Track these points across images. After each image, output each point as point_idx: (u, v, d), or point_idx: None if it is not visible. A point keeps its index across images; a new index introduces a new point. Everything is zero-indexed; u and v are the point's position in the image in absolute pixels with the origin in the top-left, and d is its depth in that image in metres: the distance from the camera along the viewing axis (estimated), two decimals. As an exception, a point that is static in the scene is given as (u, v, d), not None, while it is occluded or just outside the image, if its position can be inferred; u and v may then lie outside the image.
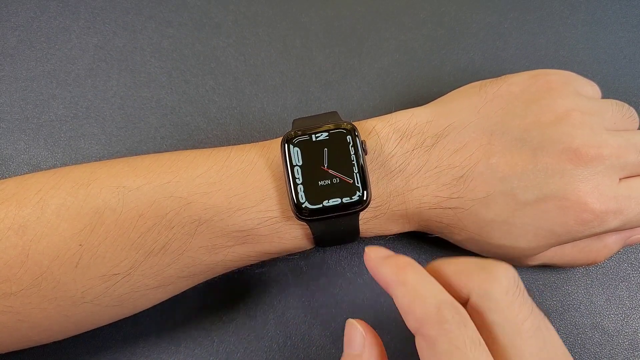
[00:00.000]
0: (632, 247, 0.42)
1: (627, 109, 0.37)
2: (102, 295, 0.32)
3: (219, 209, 0.33)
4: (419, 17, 0.48)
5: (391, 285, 0.27)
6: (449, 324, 0.25)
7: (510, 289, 0.26)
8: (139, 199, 0.32)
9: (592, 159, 0.33)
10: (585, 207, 0.33)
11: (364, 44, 0.48)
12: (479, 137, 0.35)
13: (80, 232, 0.32)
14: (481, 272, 0.27)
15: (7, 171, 0.44)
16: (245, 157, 0.35)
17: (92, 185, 0.33)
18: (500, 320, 0.26)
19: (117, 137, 0.45)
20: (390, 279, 0.27)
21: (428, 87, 0.46)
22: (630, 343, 0.40)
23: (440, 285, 0.27)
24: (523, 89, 0.36)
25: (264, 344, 0.40)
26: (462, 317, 0.25)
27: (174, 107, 0.45)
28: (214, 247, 0.34)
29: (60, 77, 0.46)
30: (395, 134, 0.35)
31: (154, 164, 0.34)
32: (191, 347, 0.40)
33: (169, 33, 0.47)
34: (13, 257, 0.31)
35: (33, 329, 0.33)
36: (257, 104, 0.46)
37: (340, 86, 0.46)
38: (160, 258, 0.33)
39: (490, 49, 0.47)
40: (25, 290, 0.31)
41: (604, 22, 0.48)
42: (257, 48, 0.47)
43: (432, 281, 0.27)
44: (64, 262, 0.31)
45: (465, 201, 0.34)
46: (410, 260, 0.28)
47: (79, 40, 0.47)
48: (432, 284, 0.27)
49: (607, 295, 0.41)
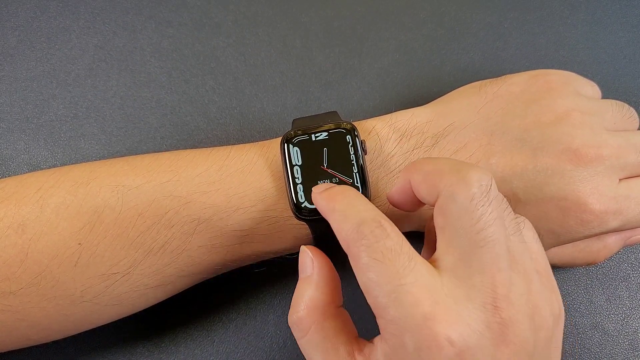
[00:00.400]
0: (632, 247, 0.42)
1: (627, 109, 0.37)
2: (102, 294, 0.32)
3: (218, 209, 0.33)
4: (419, 17, 0.48)
5: (326, 214, 0.29)
6: (366, 239, 0.26)
7: (477, 196, 0.26)
8: (138, 198, 0.32)
9: (592, 160, 0.33)
10: (585, 207, 0.33)
11: (364, 44, 0.48)
12: (479, 137, 0.35)
13: (79, 230, 0.32)
14: (453, 174, 0.26)
15: (7, 171, 0.44)
16: (244, 156, 0.35)
17: (92, 184, 0.33)
18: (456, 225, 0.26)
19: (117, 137, 0.45)
20: (325, 208, 0.29)
21: (428, 87, 0.46)
22: (630, 343, 0.40)
23: (368, 204, 0.28)
24: (523, 89, 0.36)
25: (264, 344, 0.40)
26: (383, 230, 0.26)
27: (174, 107, 0.45)
28: (213, 246, 0.34)
29: (60, 77, 0.46)
30: (395, 134, 0.35)
31: (153, 163, 0.34)
32: (191, 347, 0.40)
33: (169, 33, 0.47)
34: (12, 255, 0.31)
35: (32, 328, 0.32)
36: (257, 104, 0.46)
37: (340, 86, 0.46)
38: (160, 257, 0.33)
39: (490, 49, 0.47)
40: (25, 289, 0.31)
41: (604, 22, 0.48)
42: (257, 48, 0.47)
43: (360, 202, 0.28)
44: (63, 260, 0.31)
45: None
46: (344, 188, 0.30)
47: (79, 40, 0.47)
48: (358, 205, 0.28)
49: (607, 295, 0.41)
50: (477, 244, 0.25)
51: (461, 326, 0.24)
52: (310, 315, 0.28)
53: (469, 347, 0.24)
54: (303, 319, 0.28)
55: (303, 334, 0.28)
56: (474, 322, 0.24)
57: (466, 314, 0.24)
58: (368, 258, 0.25)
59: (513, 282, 0.25)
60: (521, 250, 0.27)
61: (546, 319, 0.26)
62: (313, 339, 0.28)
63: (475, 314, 0.24)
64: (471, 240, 0.25)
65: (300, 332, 0.29)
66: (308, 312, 0.28)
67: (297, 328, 0.29)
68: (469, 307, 0.25)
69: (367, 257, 0.25)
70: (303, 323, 0.28)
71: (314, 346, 0.28)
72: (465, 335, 0.24)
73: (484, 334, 0.24)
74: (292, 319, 0.29)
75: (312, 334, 0.28)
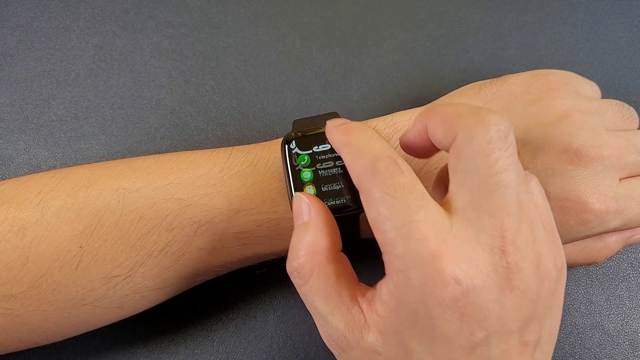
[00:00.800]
0: (632, 247, 0.42)
1: (627, 109, 0.37)
2: (103, 297, 0.32)
3: (219, 211, 0.33)
4: (419, 17, 0.48)
5: (339, 147, 0.29)
6: (381, 175, 0.26)
7: (494, 139, 0.25)
8: (139, 201, 0.32)
9: (592, 159, 0.33)
10: (585, 207, 0.33)
11: (364, 44, 0.48)
12: (479, 137, 0.35)
13: (80, 234, 0.32)
14: (471, 116, 0.26)
15: (7, 171, 0.44)
16: (245, 158, 0.35)
17: (92, 187, 0.33)
18: (470, 167, 0.26)
19: (117, 137, 0.44)
20: (339, 141, 0.29)
21: (428, 87, 0.46)
22: (630, 343, 0.40)
23: (383, 142, 0.28)
24: (523, 89, 0.36)
25: (264, 344, 0.40)
26: (397, 167, 0.26)
27: (174, 107, 0.45)
28: (214, 248, 0.34)
29: (60, 77, 0.46)
30: (396, 134, 0.35)
31: (154, 166, 0.34)
32: (191, 347, 0.40)
33: (169, 33, 0.47)
34: (13, 259, 0.31)
35: (33, 330, 0.33)
36: (257, 104, 0.46)
37: (340, 86, 0.46)
38: (161, 260, 0.33)
39: (490, 49, 0.47)
40: (26, 293, 0.31)
41: (604, 22, 0.48)
42: (257, 48, 0.47)
43: (376, 139, 0.28)
44: (64, 264, 0.31)
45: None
46: (359, 124, 0.29)
47: (79, 40, 0.47)
48: (374, 141, 0.28)
49: (607, 295, 0.41)
50: (489, 187, 0.25)
51: (468, 266, 0.24)
52: (311, 261, 0.28)
53: (475, 287, 0.24)
54: (304, 265, 0.28)
55: (304, 280, 0.28)
56: (481, 263, 0.24)
57: (474, 254, 0.24)
58: (380, 193, 0.25)
59: (521, 229, 0.25)
60: (527, 200, 0.27)
61: (550, 270, 0.26)
62: (315, 285, 0.28)
63: (482, 255, 0.24)
64: (484, 183, 0.25)
65: (301, 278, 0.28)
66: (309, 257, 0.28)
67: (298, 275, 0.28)
68: (477, 248, 0.25)
69: (379, 191, 0.25)
70: (304, 269, 0.28)
71: (316, 292, 0.28)
72: (472, 275, 0.24)
73: (490, 276, 0.24)
74: (292, 265, 0.28)
75: (314, 280, 0.28)
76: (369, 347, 0.26)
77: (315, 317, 0.29)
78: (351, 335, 0.27)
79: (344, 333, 0.27)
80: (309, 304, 0.29)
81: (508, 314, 0.25)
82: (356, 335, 0.27)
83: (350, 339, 0.27)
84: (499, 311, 0.25)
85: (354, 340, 0.27)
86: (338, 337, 0.27)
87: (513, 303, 0.25)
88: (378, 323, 0.26)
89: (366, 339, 0.26)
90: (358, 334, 0.27)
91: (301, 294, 0.29)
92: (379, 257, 0.26)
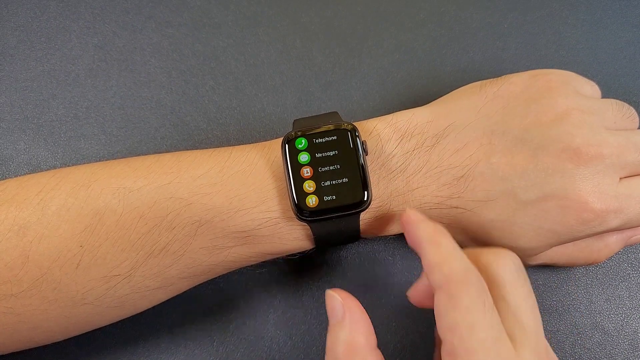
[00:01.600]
0: (632, 247, 0.42)
1: (627, 108, 0.37)
2: (103, 297, 0.32)
3: (219, 210, 0.33)
4: (419, 17, 0.48)
5: (425, 243, 0.29)
6: (473, 286, 0.27)
7: (516, 269, 0.30)
8: (139, 200, 0.32)
9: (592, 158, 0.33)
10: (585, 206, 0.33)
11: (364, 44, 0.48)
12: (480, 137, 0.35)
13: (80, 233, 0.32)
14: (490, 254, 0.30)
15: (7, 171, 0.44)
16: (245, 157, 0.35)
17: (93, 186, 0.33)
18: (508, 295, 0.29)
19: (117, 137, 0.45)
20: (427, 238, 0.29)
21: (428, 87, 0.46)
22: (630, 343, 0.40)
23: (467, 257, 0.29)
24: (523, 88, 0.36)
25: (264, 344, 0.40)
26: (483, 284, 0.28)
27: (174, 107, 0.45)
28: (214, 248, 0.34)
29: (60, 77, 0.46)
30: (395, 134, 0.35)
31: (154, 165, 0.34)
32: (191, 347, 0.40)
33: (169, 33, 0.47)
34: (13, 258, 0.31)
35: (34, 330, 0.33)
36: (257, 104, 0.46)
37: (340, 86, 0.46)
38: (161, 259, 0.33)
39: (490, 49, 0.47)
40: (26, 292, 0.31)
41: (604, 22, 0.48)
42: (257, 48, 0.47)
43: (461, 251, 0.29)
44: (64, 263, 0.31)
45: (465, 201, 0.34)
46: (445, 230, 0.30)
47: (79, 40, 0.47)
48: (461, 252, 0.29)
49: (607, 295, 0.41)
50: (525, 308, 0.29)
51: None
52: (348, 358, 0.28)
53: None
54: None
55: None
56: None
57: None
58: (470, 302, 0.27)
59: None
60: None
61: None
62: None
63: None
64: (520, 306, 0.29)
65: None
66: (346, 354, 0.28)
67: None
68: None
69: (469, 301, 0.27)
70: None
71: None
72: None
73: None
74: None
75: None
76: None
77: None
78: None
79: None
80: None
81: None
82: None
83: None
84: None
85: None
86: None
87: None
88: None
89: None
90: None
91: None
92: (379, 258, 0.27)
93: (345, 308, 0.30)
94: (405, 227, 0.31)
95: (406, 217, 0.31)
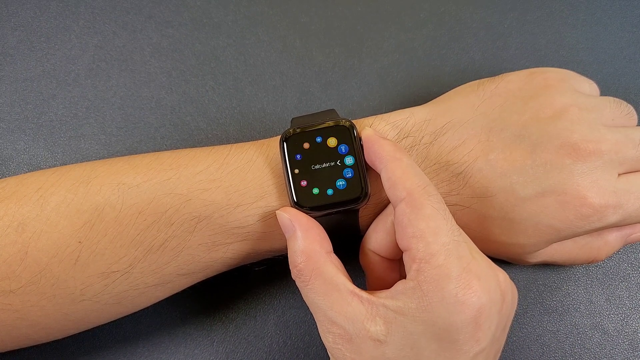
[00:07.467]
0: (632, 247, 0.42)
1: (625, 106, 0.37)
2: (101, 293, 0.32)
3: (218, 206, 0.33)
4: (419, 17, 0.48)
5: (386, 159, 0.32)
6: (433, 196, 0.30)
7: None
8: (138, 196, 0.32)
9: (590, 154, 0.33)
10: (584, 201, 0.33)
11: (364, 44, 0.48)
12: (478, 133, 0.35)
13: (79, 229, 0.32)
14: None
15: (7, 171, 0.44)
16: (244, 154, 0.35)
17: (92, 182, 0.33)
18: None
19: (117, 137, 0.45)
20: (389, 154, 0.32)
21: (428, 87, 0.46)
22: (630, 343, 0.40)
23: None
24: (521, 86, 0.36)
25: (264, 344, 0.40)
26: (439, 195, 0.31)
27: (174, 107, 0.45)
28: (213, 244, 0.34)
29: (60, 77, 0.46)
30: (393, 131, 0.36)
31: (154, 162, 0.34)
32: (191, 347, 0.40)
33: (169, 33, 0.48)
34: (12, 254, 0.31)
35: (32, 327, 0.32)
36: (257, 104, 0.46)
37: (340, 86, 0.46)
38: (160, 255, 0.33)
39: (490, 49, 0.47)
40: (24, 288, 0.31)
41: (604, 22, 0.48)
42: (257, 48, 0.47)
43: (418, 167, 0.32)
44: (63, 259, 0.31)
45: (464, 198, 0.34)
46: (404, 148, 0.34)
47: (79, 40, 0.47)
48: (418, 168, 0.32)
49: (607, 295, 0.41)
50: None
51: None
52: (307, 265, 0.31)
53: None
54: (303, 270, 0.31)
55: (305, 283, 0.31)
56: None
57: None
58: (432, 210, 0.30)
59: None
60: None
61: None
62: (315, 286, 0.31)
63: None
64: None
65: (302, 282, 0.31)
66: (305, 262, 0.31)
67: (300, 279, 0.32)
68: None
69: (431, 208, 0.30)
70: (304, 273, 0.31)
71: (316, 292, 0.31)
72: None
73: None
74: (294, 272, 0.32)
75: (313, 281, 0.31)
76: (371, 336, 0.29)
77: (316, 314, 0.31)
78: (351, 326, 0.29)
79: (343, 324, 0.30)
80: (311, 304, 0.31)
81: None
82: (357, 326, 0.29)
83: (351, 329, 0.29)
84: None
85: (355, 330, 0.29)
86: (337, 329, 0.30)
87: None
88: (387, 316, 0.29)
89: (368, 328, 0.29)
90: (359, 325, 0.29)
91: (304, 296, 0.32)
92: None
93: (295, 222, 0.32)
94: (366, 144, 0.33)
95: (366, 135, 0.33)
